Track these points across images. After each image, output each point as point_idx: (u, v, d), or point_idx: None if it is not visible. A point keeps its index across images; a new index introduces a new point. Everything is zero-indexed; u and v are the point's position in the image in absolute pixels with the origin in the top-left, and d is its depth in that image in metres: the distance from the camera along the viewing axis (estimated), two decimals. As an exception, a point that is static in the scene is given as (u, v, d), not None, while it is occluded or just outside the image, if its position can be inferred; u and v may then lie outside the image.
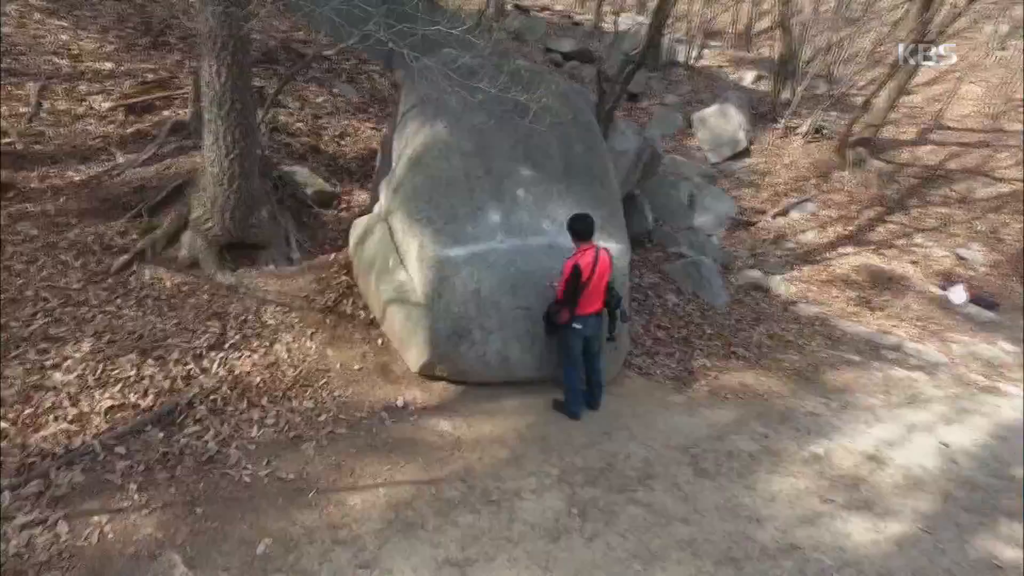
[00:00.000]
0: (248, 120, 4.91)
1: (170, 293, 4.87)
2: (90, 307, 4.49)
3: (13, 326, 4.18)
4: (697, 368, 6.68)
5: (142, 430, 3.80)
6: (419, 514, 3.72)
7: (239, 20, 4.43)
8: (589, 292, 4.85)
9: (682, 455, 4.90)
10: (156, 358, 4.33)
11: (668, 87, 16.43)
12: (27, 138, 5.33)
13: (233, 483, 3.68)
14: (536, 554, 3.54)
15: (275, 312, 5.12)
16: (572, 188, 5.58)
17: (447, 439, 4.54)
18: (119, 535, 3.19)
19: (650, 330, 7.31)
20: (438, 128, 5.22)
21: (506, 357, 5.16)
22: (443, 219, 5.02)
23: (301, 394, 4.54)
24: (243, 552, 3.22)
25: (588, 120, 5.96)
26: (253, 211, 5.29)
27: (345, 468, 4.00)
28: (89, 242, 4.90)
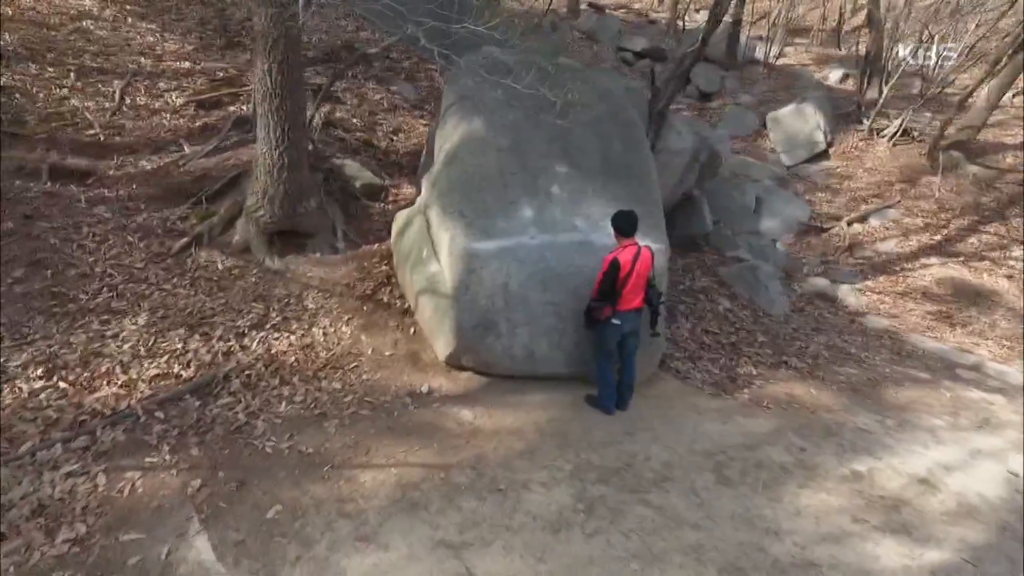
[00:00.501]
0: (297, 115, 5.20)
1: (221, 275, 5.24)
2: (149, 284, 4.91)
3: (81, 298, 4.64)
4: (741, 375, 6.46)
5: (181, 398, 4.13)
6: (425, 496, 3.83)
7: (287, 21, 4.70)
8: (629, 289, 4.82)
9: (706, 461, 4.77)
10: (202, 334, 4.68)
11: (744, 86, 15.85)
12: (109, 130, 5.90)
13: (256, 452, 3.93)
14: (533, 544, 3.57)
15: (316, 297, 5.40)
16: (608, 186, 5.54)
17: (465, 427, 4.64)
18: (147, 489, 3.49)
19: (696, 334, 7.13)
20: (475, 124, 5.33)
21: (532, 352, 5.20)
22: (475, 213, 5.12)
23: (331, 375, 4.77)
24: (254, 515, 3.44)
25: (630, 118, 5.89)
26: (301, 201, 5.59)
27: (362, 447, 4.17)
28: (154, 225, 5.35)
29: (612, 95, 5.90)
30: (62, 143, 5.57)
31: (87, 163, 5.53)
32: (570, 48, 14.79)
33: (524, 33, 6.12)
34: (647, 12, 19.39)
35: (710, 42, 14.75)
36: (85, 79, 6.35)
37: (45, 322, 4.41)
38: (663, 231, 5.70)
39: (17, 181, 5.19)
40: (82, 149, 5.64)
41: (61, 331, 4.37)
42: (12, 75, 5.98)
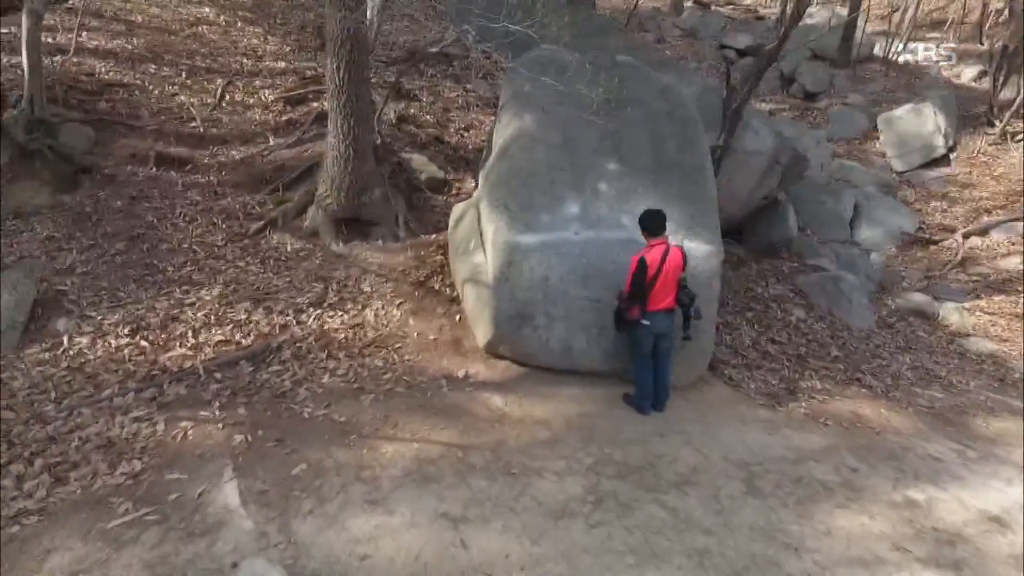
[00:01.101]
0: (362, 111, 5.59)
1: (289, 256, 5.74)
2: (226, 261, 5.49)
3: (169, 270, 5.28)
4: (803, 389, 6.16)
5: (237, 363, 4.61)
6: (439, 471, 4.03)
7: (354, 24, 5.07)
8: (658, 288, 4.78)
9: (738, 470, 4.62)
10: (265, 307, 5.17)
11: (855, 85, 14.77)
12: (208, 123, 6.62)
13: (294, 416, 4.31)
14: (531, 527, 3.67)
15: (373, 281, 5.77)
16: (659, 184, 5.48)
17: (494, 413, 4.80)
18: (196, 438, 3.95)
19: (759, 343, 6.85)
20: (526, 121, 5.46)
21: (570, 346, 5.26)
22: (520, 207, 5.26)
23: (375, 353, 5.10)
24: (281, 471, 3.80)
25: (687, 116, 5.78)
26: (365, 191, 5.99)
27: (391, 421, 4.45)
28: (236, 209, 5.96)
29: (670, 92, 5.81)
30: (168, 134, 6.34)
31: (186, 152, 6.25)
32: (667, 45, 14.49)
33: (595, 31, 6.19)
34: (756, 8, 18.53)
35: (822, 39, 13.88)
36: (194, 78, 7.16)
37: (137, 288, 5.06)
38: (716, 232, 5.55)
39: (129, 166, 5.97)
40: (184, 139, 6.39)
41: (148, 297, 5.00)
42: (134, 75, 6.87)
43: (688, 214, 5.45)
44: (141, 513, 3.37)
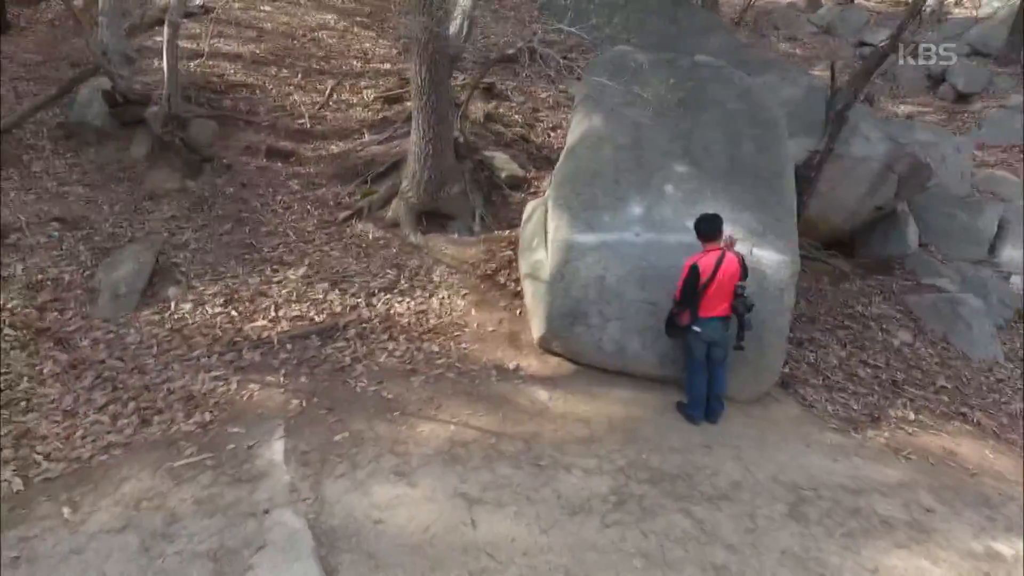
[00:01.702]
0: (442, 110, 5.90)
1: (369, 244, 6.19)
2: (313, 245, 6.03)
3: (264, 250, 5.91)
4: (889, 417, 5.66)
5: (307, 337, 5.08)
6: (468, 454, 4.21)
7: (434, 28, 5.36)
8: (711, 295, 4.64)
9: (785, 492, 4.36)
10: (340, 289, 5.64)
11: (1020, 86, 12.98)
12: (314, 120, 7.29)
13: (348, 390, 4.69)
14: (544, 517, 3.74)
15: (443, 272, 6.07)
16: (730, 188, 5.28)
17: (536, 406, 4.89)
18: (259, 399, 4.44)
19: (848, 364, 6.35)
20: (594, 121, 5.48)
21: (623, 347, 5.22)
22: (582, 206, 5.30)
23: (433, 339, 5.38)
24: (324, 436, 4.17)
25: (768, 118, 5.49)
26: (444, 186, 6.30)
27: (434, 403, 4.69)
28: (328, 198, 6.52)
29: (753, 94, 5.56)
30: (279, 129, 7.06)
31: (292, 145, 6.93)
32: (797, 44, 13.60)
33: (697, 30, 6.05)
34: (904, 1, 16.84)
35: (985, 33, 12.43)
36: (308, 79, 7.89)
37: (236, 265, 5.72)
38: (791, 242, 5.26)
39: (243, 157, 6.74)
40: (292, 134, 7.08)
41: (244, 273, 5.64)
42: (257, 76, 7.71)
43: (761, 221, 5.21)
44: (202, 457, 3.87)
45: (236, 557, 3.19)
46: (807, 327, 6.78)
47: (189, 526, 3.36)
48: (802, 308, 7.01)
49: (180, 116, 6.47)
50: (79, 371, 4.44)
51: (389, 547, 3.37)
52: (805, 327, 6.77)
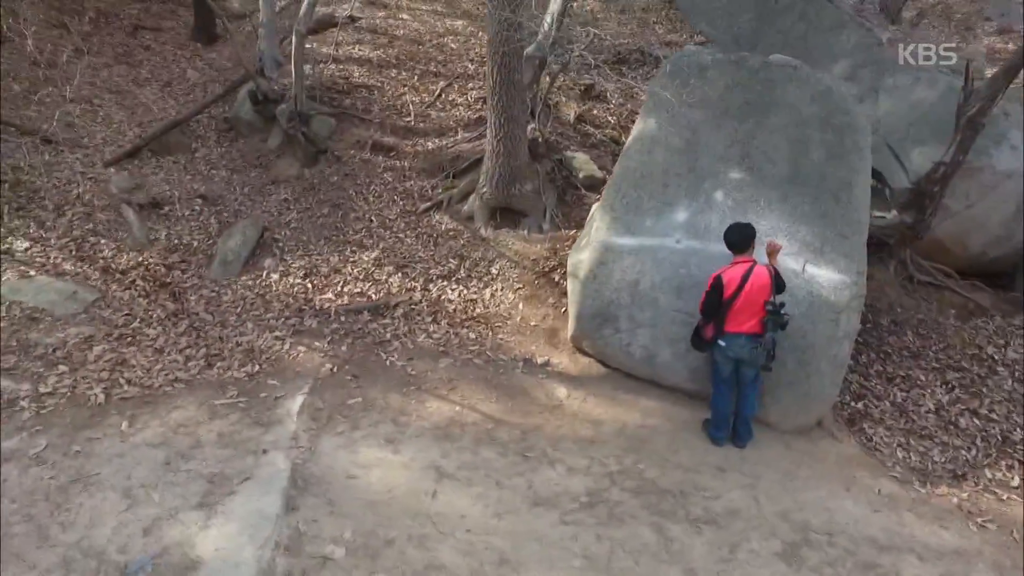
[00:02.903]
0: (512, 110, 6.15)
1: (441, 234, 6.65)
2: (391, 232, 6.64)
3: (349, 233, 6.64)
4: (980, 477, 4.86)
5: (360, 312, 5.66)
6: (462, 434, 4.45)
7: (506, 32, 5.63)
8: (737, 309, 4.40)
9: (790, 532, 4.01)
10: (403, 273, 6.16)
11: None
12: (419, 118, 7.93)
13: (379, 361, 5.17)
14: (505, 503, 3.85)
15: (503, 265, 6.34)
16: (790, 198, 4.88)
17: (551, 401, 4.97)
18: (301, 360, 5.08)
19: (948, 410, 5.54)
20: (649, 123, 5.35)
21: (653, 355, 5.08)
22: (625, 209, 5.23)
23: (473, 327, 5.68)
24: (340, 398, 4.67)
25: (846, 124, 4.94)
26: (515, 184, 6.55)
27: (451, 384, 4.99)
28: (414, 190, 7.09)
29: (830, 96, 5.02)
30: (387, 126, 7.80)
31: (395, 141, 7.63)
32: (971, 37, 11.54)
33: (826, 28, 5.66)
34: None
35: None
36: (423, 80, 8.57)
37: (323, 244, 6.52)
38: (855, 261, 4.75)
39: (352, 151, 7.57)
40: (397, 131, 7.78)
41: (327, 251, 6.40)
42: (379, 78, 8.57)
43: (820, 236, 4.78)
44: (239, 400, 4.57)
45: (226, 483, 3.77)
46: (906, 362, 5.96)
47: (206, 453, 4.03)
48: (908, 340, 6.17)
49: (304, 113, 7.46)
50: (177, 319, 5.43)
51: (349, 499, 3.74)
52: (904, 362, 5.96)
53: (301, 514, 3.59)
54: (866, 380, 5.77)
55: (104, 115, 8.30)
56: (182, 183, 7.31)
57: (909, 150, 6.43)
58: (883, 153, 6.64)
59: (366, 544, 3.45)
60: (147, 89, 9.11)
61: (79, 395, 4.43)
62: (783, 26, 8.06)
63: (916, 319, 6.42)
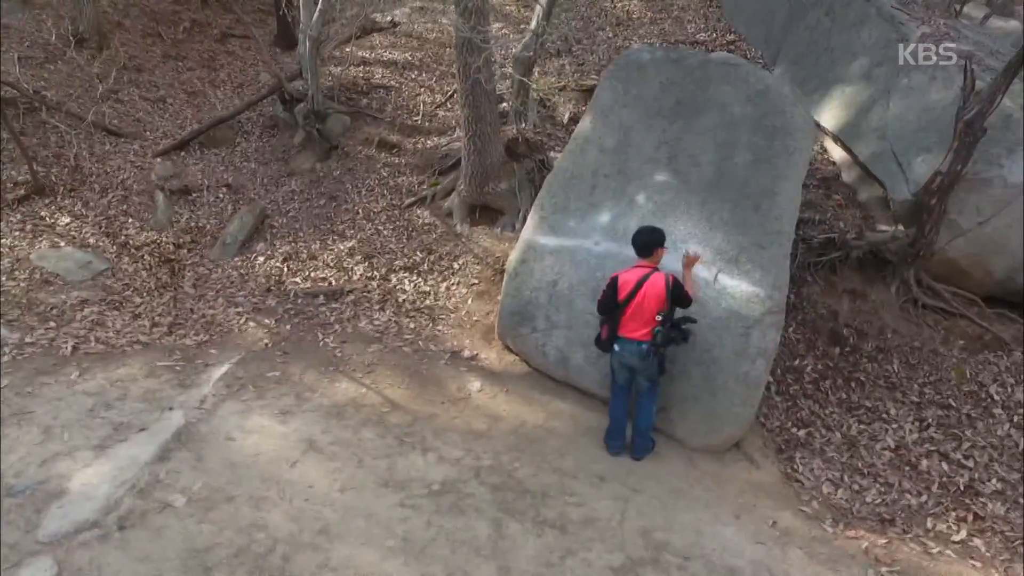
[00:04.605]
0: (480, 110, 6.29)
1: (417, 228, 6.94)
2: (372, 224, 7.03)
3: (336, 223, 7.12)
4: (918, 527, 4.37)
5: (316, 296, 6.10)
6: (353, 413, 4.68)
7: (473, 38, 5.80)
8: (630, 314, 4.30)
9: (641, 549, 3.87)
10: (370, 262, 6.52)
11: None
12: (427, 117, 8.26)
13: (314, 342, 5.55)
14: (356, 480, 4.03)
15: (466, 261, 6.51)
16: (709, 203, 4.64)
17: (462, 394, 5.08)
18: (246, 333, 5.59)
19: (911, 449, 5.04)
20: (586, 123, 5.28)
21: (567, 357, 5.04)
22: (552, 209, 5.21)
23: (415, 317, 5.91)
24: (262, 370, 5.08)
25: (779, 126, 4.57)
26: (488, 182, 6.69)
27: (370, 368, 5.26)
28: (404, 186, 7.43)
29: (766, 97, 4.66)
30: (396, 124, 8.21)
31: (399, 139, 8.02)
32: None
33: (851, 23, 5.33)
34: None
35: None
36: (440, 81, 8.90)
37: (310, 232, 7.05)
38: (775, 274, 4.44)
39: (360, 147, 8.07)
40: (404, 129, 8.17)
41: (312, 239, 6.92)
42: (397, 79, 9.02)
43: (736, 245, 4.52)
44: (178, 364, 5.14)
45: (126, 431, 4.30)
46: (878, 393, 5.43)
47: (126, 405, 4.61)
48: (890, 369, 5.58)
49: (320, 111, 8.07)
50: (164, 291, 6.16)
51: (217, 457, 4.13)
52: (875, 392, 5.42)
53: (168, 464, 4.02)
54: (822, 407, 5.31)
55: (173, 112, 9.46)
56: (215, 173, 8.19)
57: (912, 158, 5.76)
58: (887, 161, 6.01)
59: (208, 498, 3.80)
60: (220, 90, 10.22)
61: (53, 347, 5.22)
62: (811, 22, 7.47)
63: (909, 347, 5.78)
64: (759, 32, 8.40)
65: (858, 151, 6.35)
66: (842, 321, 5.93)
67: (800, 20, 7.66)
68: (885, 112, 6.15)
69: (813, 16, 7.47)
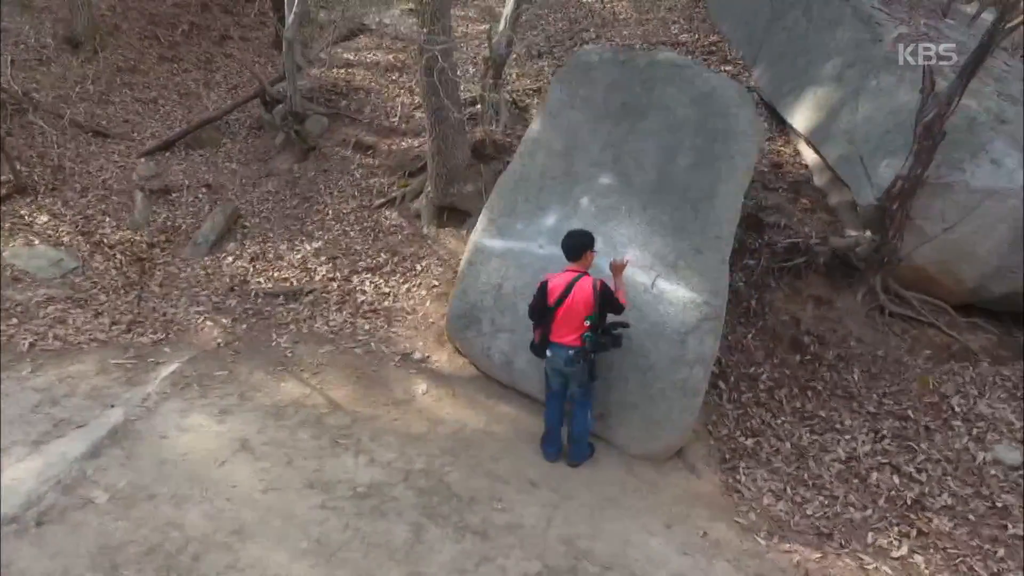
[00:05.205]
0: (441, 112, 6.28)
1: (384, 229, 6.96)
2: (340, 225, 7.07)
3: (306, 223, 7.17)
4: (857, 541, 4.28)
5: (277, 296, 6.14)
6: (293, 414, 4.70)
7: (434, 41, 5.80)
8: (560, 319, 4.26)
9: (559, 557, 3.83)
10: (334, 263, 6.56)
11: None
12: (403, 119, 8.28)
13: (267, 342, 5.59)
14: (281, 480, 4.05)
15: (429, 263, 6.51)
16: (650, 207, 4.58)
17: (406, 396, 5.08)
18: (201, 332, 5.65)
19: (862, 462, 4.95)
20: (534, 125, 5.25)
21: (510, 361, 5.01)
22: (500, 212, 5.19)
23: (372, 319, 5.92)
24: (211, 369, 5.12)
25: (722, 128, 4.49)
26: (453, 184, 6.68)
27: (319, 369, 5.28)
28: (375, 187, 7.46)
29: (711, 99, 4.57)
30: (373, 126, 8.25)
31: (375, 140, 8.05)
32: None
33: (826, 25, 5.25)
34: None
35: None
36: (420, 83, 8.93)
37: (281, 232, 7.11)
38: (713, 280, 4.37)
39: (337, 148, 8.13)
40: (380, 131, 8.20)
41: (280, 240, 6.98)
42: (378, 80, 9.07)
43: (675, 250, 4.45)
44: (131, 361, 5.21)
45: (65, 428, 4.38)
46: (834, 403, 5.31)
47: (71, 402, 4.69)
48: (849, 379, 5.46)
49: (298, 113, 8.15)
50: (130, 290, 6.26)
51: (148, 455, 4.18)
52: (831, 402, 5.31)
53: (98, 461, 4.08)
54: (774, 417, 5.20)
55: (164, 113, 9.62)
56: (197, 173, 8.31)
57: (878, 161, 5.61)
58: (855, 164, 5.87)
59: (131, 495, 3.85)
60: (214, 92, 10.37)
61: (12, 343, 5.33)
62: (789, 23, 7.32)
63: (872, 356, 5.63)
64: (742, 33, 8.26)
65: (826, 154, 6.21)
66: (804, 328, 5.80)
67: (780, 20, 7.52)
68: (854, 114, 5.99)
69: (792, 16, 7.33)
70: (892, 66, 5.88)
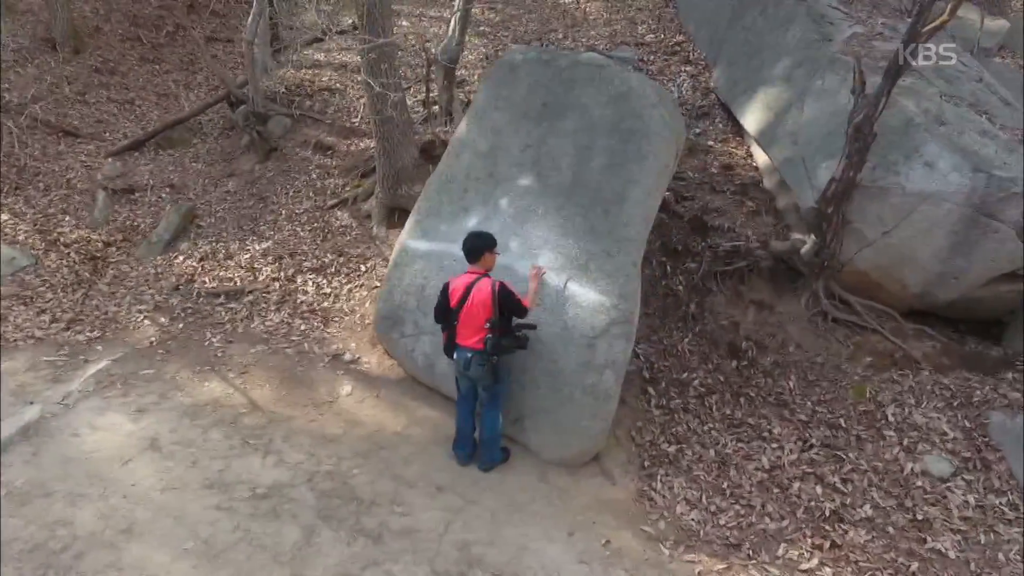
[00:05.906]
0: (385, 113, 6.27)
1: (334, 230, 6.96)
2: (291, 225, 7.08)
3: (259, 224, 7.20)
4: (767, 553, 4.20)
5: (218, 295, 6.18)
6: (210, 414, 4.73)
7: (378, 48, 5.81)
8: (463, 322, 4.22)
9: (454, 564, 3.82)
10: (280, 263, 6.57)
11: None
12: (365, 120, 8.28)
13: (200, 341, 5.62)
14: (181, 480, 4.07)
15: (373, 263, 6.50)
16: (564, 209, 4.53)
17: (329, 398, 5.08)
18: (137, 330, 5.69)
19: (787, 471, 4.85)
20: (462, 126, 5.20)
21: (433, 364, 4.98)
22: (426, 213, 5.16)
23: (309, 319, 5.92)
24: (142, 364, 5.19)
25: (635, 129, 4.42)
26: (401, 184, 6.67)
27: (245, 368, 5.30)
28: (330, 188, 7.47)
29: (627, 99, 4.50)
30: (335, 126, 8.28)
31: (335, 141, 8.07)
32: None
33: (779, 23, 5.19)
34: None
35: None
36: (385, 84, 8.94)
37: (233, 233, 7.14)
38: (622, 284, 4.30)
39: (297, 148, 8.17)
40: (340, 132, 8.22)
41: (232, 240, 7.02)
42: (343, 81, 9.09)
43: (586, 252, 4.39)
44: (62, 359, 5.27)
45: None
46: (765, 410, 5.20)
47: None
48: (783, 386, 5.35)
49: (260, 113, 8.20)
50: (78, 288, 6.33)
51: (54, 453, 4.22)
52: (761, 410, 5.20)
53: (3, 458, 4.13)
54: (702, 423, 5.11)
55: (139, 114, 9.72)
56: (163, 173, 8.39)
57: (818, 164, 5.49)
58: (798, 166, 5.75)
59: (27, 492, 3.89)
60: (194, 93, 10.46)
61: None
62: (747, 22, 7.21)
63: (810, 362, 5.52)
64: (706, 33, 8.16)
65: (773, 156, 6.09)
66: (743, 333, 5.70)
67: (740, 20, 7.41)
68: (799, 115, 5.87)
69: (750, 16, 7.21)
70: (837, 66, 5.75)
